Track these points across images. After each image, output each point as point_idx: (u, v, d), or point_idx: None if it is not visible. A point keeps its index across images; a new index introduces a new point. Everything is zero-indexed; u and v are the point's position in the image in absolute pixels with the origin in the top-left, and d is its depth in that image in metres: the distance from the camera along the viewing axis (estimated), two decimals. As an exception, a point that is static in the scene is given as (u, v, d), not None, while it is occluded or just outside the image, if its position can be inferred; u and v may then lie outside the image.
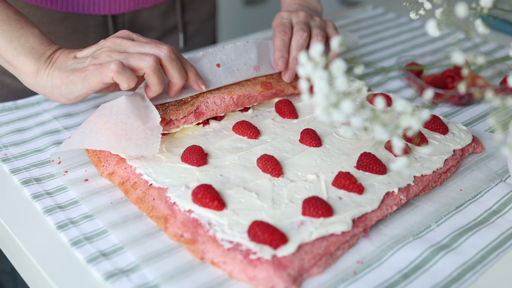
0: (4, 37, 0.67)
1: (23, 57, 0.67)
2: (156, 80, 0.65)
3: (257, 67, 0.79)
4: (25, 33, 0.68)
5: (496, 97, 0.47)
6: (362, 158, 0.65)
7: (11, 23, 0.67)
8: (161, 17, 1.01)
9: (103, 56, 0.65)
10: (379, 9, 1.29)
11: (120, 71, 0.62)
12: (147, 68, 0.64)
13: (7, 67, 0.69)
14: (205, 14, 1.09)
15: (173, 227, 0.57)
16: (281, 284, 0.51)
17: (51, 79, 0.66)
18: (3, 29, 0.67)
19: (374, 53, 1.06)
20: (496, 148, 0.75)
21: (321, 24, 0.85)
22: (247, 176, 0.64)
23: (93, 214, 0.61)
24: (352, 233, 0.57)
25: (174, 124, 0.70)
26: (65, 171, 0.68)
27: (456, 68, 0.90)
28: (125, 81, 0.62)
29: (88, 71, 0.64)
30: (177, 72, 0.67)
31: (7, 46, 0.67)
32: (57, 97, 0.67)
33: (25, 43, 0.67)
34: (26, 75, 0.67)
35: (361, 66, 0.48)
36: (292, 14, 0.84)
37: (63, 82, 0.66)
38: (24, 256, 0.58)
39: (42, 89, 0.68)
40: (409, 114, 0.45)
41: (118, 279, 0.53)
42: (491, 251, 0.58)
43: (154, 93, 0.67)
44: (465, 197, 0.66)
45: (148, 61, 0.64)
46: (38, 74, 0.67)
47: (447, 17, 0.58)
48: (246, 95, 0.75)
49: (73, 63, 0.67)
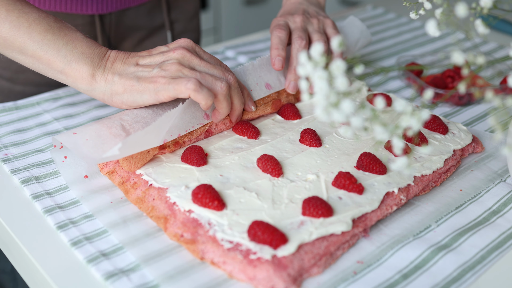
0: (50, 47, 0.65)
1: (75, 64, 0.65)
2: (226, 104, 0.67)
3: (269, 84, 0.78)
4: (70, 39, 0.66)
5: (496, 97, 0.47)
6: (362, 158, 0.65)
7: (54, 31, 0.66)
8: (147, 16, 1.02)
9: (173, 70, 0.64)
10: (379, 9, 1.29)
11: (198, 89, 0.62)
12: (220, 94, 0.66)
13: (58, 77, 0.67)
14: (190, 12, 1.10)
15: (173, 227, 0.57)
16: (281, 284, 0.51)
17: (110, 85, 0.65)
18: (48, 38, 0.65)
19: (374, 53, 1.06)
20: (496, 148, 0.75)
21: (319, 27, 0.83)
22: (247, 176, 0.64)
23: (93, 214, 0.61)
24: (352, 233, 0.57)
25: (185, 144, 0.69)
26: (64, 157, 0.67)
27: (456, 68, 0.90)
28: (202, 98, 0.63)
29: (159, 83, 0.63)
30: (239, 99, 0.70)
31: (56, 55, 0.65)
32: (117, 103, 0.66)
33: (73, 49, 0.66)
34: (81, 82, 0.66)
35: (361, 66, 0.48)
36: (288, 18, 0.83)
37: (126, 89, 0.65)
38: (24, 256, 0.58)
39: (100, 94, 0.66)
40: (409, 114, 0.45)
41: (118, 279, 0.53)
42: (491, 251, 0.58)
43: (222, 115, 0.69)
44: (465, 197, 0.66)
45: (222, 87, 0.65)
46: (94, 79, 0.66)
47: (447, 17, 0.58)
48: (256, 117, 0.76)
49: (136, 71, 0.66)
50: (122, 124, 0.64)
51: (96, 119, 0.80)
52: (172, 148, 0.67)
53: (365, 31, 0.92)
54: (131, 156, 0.63)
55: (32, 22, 0.65)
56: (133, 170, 0.64)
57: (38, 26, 0.65)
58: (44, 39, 0.65)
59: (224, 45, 1.09)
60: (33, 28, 0.65)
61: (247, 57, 1.02)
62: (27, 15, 0.65)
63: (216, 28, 2.64)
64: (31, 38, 0.65)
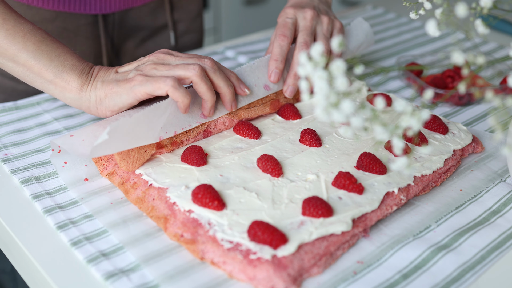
0: (44, 57, 0.67)
1: (65, 75, 0.68)
2: (205, 86, 0.67)
3: (267, 86, 0.78)
4: (62, 52, 0.69)
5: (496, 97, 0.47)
6: (362, 158, 0.65)
7: (48, 43, 0.68)
8: (150, 16, 1.02)
9: (148, 69, 0.66)
10: (379, 9, 1.29)
11: (176, 86, 0.64)
12: (194, 76, 0.66)
13: (46, 87, 0.69)
14: (193, 12, 1.10)
15: (173, 227, 0.57)
16: (281, 284, 0.51)
17: (94, 92, 0.68)
18: (42, 49, 0.68)
19: (374, 53, 1.06)
20: (496, 148, 0.75)
21: (328, 28, 0.82)
22: (247, 176, 0.64)
23: (93, 214, 0.61)
24: (352, 233, 0.57)
25: (183, 144, 0.69)
26: (64, 162, 0.67)
27: (456, 68, 0.90)
28: (179, 96, 0.64)
29: (136, 81, 0.65)
30: (223, 81, 0.69)
31: (48, 65, 0.67)
32: (101, 110, 0.68)
33: (65, 61, 0.68)
34: (70, 92, 0.68)
35: (361, 66, 0.48)
36: (298, 12, 0.81)
37: (107, 93, 0.67)
38: (24, 256, 0.58)
39: (86, 103, 0.68)
40: (409, 114, 0.45)
41: (118, 279, 0.53)
42: (491, 251, 0.58)
43: (208, 102, 0.68)
44: (465, 197, 0.66)
45: (193, 68, 0.66)
46: (82, 89, 0.68)
47: (447, 17, 0.58)
48: (255, 117, 0.75)
49: (116, 76, 0.68)
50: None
51: (96, 119, 0.80)
52: (170, 147, 0.67)
53: (370, 35, 0.91)
54: (128, 156, 0.63)
55: (27, 32, 0.68)
56: (131, 169, 0.64)
57: (32, 36, 0.68)
58: (38, 49, 0.68)
59: (224, 45, 1.09)
60: (28, 38, 0.67)
61: (247, 57, 1.02)
62: (22, 25, 0.68)
63: (216, 28, 2.64)
64: (26, 47, 0.67)
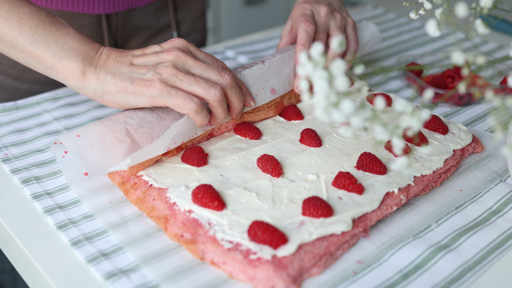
0: (41, 42, 0.64)
1: (65, 61, 0.64)
2: (221, 110, 0.67)
3: (274, 89, 0.77)
4: (62, 34, 0.65)
5: (496, 97, 0.47)
6: (362, 158, 0.65)
7: (46, 26, 0.64)
8: (154, 16, 1.02)
9: (168, 74, 0.63)
10: (379, 9, 1.29)
11: (199, 111, 0.63)
12: (213, 101, 0.65)
13: (49, 73, 0.66)
14: (196, 13, 1.10)
15: (173, 227, 0.57)
16: (281, 284, 0.51)
17: (102, 84, 0.64)
18: (39, 34, 0.64)
19: (374, 53, 1.06)
20: (496, 148, 0.75)
21: (341, 23, 0.82)
22: (247, 176, 0.64)
23: (93, 214, 0.61)
24: (352, 233, 0.57)
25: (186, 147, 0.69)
26: (64, 151, 0.66)
27: (456, 68, 0.90)
28: (199, 119, 0.64)
29: (155, 89, 0.62)
30: (237, 97, 0.69)
31: (46, 51, 0.64)
32: (108, 102, 0.65)
33: (64, 45, 0.64)
34: (72, 79, 0.65)
35: (361, 66, 0.48)
36: (314, 6, 0.81)
37: (119, 90, 0.64)
38: (24, 256, 0.58)
39: (91, 93, 0.65)
40: (409, 114, 0.45)
41: (118, 279, 0.53)
42: (491, 251, 0.58)
43: (219, 120, 0.69)
44: (465, 197, 0.66)
45: (214, 94, 0.64)
46: (85, 77, 0.64)
47: (447, 17, 0.58)
48: (258, 120, 0.75)
49: (129, 72, 0.64)
50: (126, 129, 0.64)
51: (96, 119, 0.80)
52: (175, 152, 0.67)
53: (375, 33, 0.91)
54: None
55: (23, 16, 0.64)
56: (135, 174, 0.64)
57: (29, 20, 0.64)
58: (34, 34, 0.64)
59: (224, 45, 1.09)
60: (24, 22, 0.64)
61: (247, 57, 1.02)
62: (18, 9, 0.64)
63: (216, 28, 2.64)
64: (22, 33, 0.63)
